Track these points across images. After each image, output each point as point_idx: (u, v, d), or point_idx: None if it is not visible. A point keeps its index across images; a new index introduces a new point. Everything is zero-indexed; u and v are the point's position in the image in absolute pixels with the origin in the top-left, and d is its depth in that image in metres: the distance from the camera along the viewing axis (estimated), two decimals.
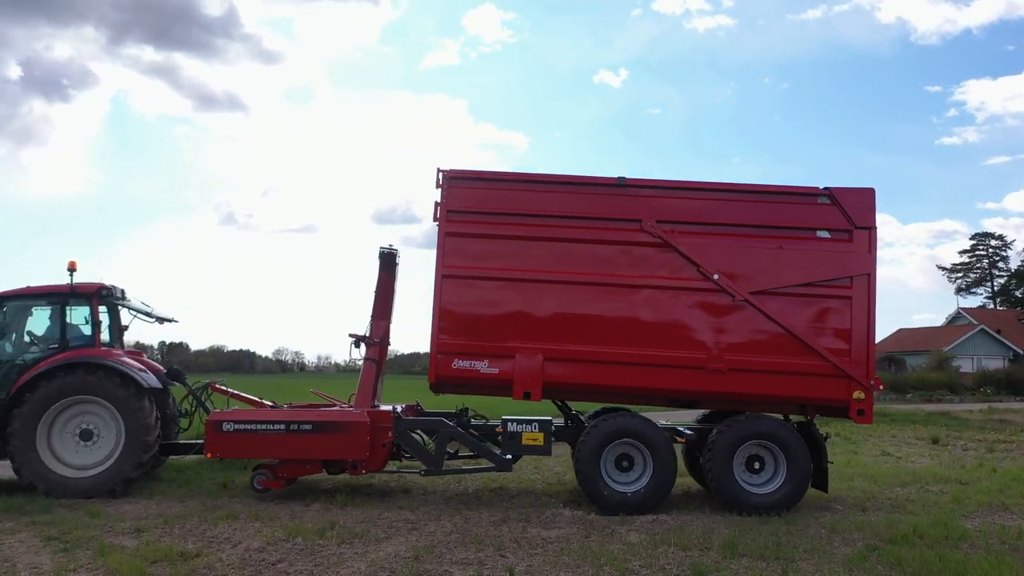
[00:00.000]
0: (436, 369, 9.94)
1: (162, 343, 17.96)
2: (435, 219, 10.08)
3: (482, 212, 10.11)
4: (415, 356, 71.71)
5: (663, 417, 13.97)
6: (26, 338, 11.21)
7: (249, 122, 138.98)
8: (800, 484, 9.54)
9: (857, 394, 9.58)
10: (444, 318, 9.95)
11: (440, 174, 10.13)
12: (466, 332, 9.93)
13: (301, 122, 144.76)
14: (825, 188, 9.89)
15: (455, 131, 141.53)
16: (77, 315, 11.32)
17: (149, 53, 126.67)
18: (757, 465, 9.71)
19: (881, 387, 9.80)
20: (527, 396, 9.79)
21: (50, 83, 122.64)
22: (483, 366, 9.85)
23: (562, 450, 11.79)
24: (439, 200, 10.08)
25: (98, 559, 7.00)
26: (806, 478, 9.58)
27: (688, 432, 10.12)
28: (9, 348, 11.07)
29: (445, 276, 9.97)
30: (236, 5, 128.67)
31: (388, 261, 11.22)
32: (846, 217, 9.80)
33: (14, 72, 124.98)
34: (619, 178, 10.09)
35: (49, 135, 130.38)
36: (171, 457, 11.92)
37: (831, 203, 9.85)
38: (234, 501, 9.89)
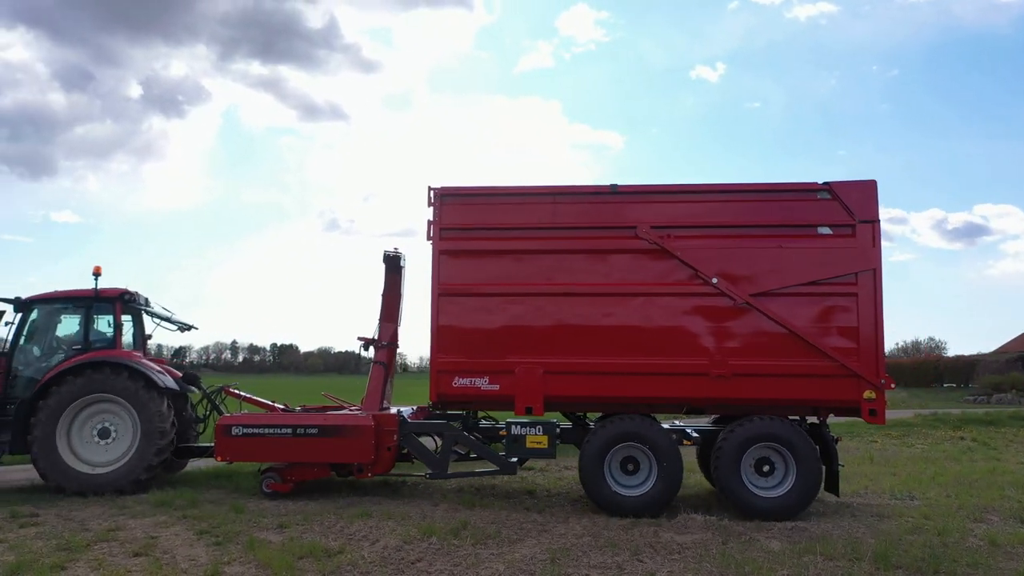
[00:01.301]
0: (437, 388, 9.99)
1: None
2: (428, 238, 10.13)
3: (475, 228, 10.12)
4: None
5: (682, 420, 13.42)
6: (52, 340, 11.82)
7: (350, 130, 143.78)
8: (810, 488, 9.23)
9: (868, 394, 9.27)
10: (442, 336, 9.98)
11: (431, 192, 10.17)
12: (465, 350, 9.92)
13: (399, 128, 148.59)
14: (824, 183, 9.58)
15: (549, 132, 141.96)
16: (102, 319, 11.82)
17: (256, 67, 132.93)
18: (766, 468, 9.42)
19: (893, 386, 9.38)
20: (529, 411, 9.80)
21: (167, 100, 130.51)
22: (484, 383, 9.86)
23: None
24: (431, 218, 10.12)
25: (248, 553, 7.30)
26: (816, 482, 9.26)
27: (695, 435, 9.88)
28: (37, 349, 11.73)
29: (441, 294, 10.02)
30: (337, 16, 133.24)
31: (392, 264, 11.32)
32: (847, 211, 9.47)
33: (135, 91, 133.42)
34: (611, 185, 10.00)
35: (167, 150, 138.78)
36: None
37: (831, 198, 9.54)
38: (365, 499, 10.16)
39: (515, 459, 10.06)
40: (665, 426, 9.98)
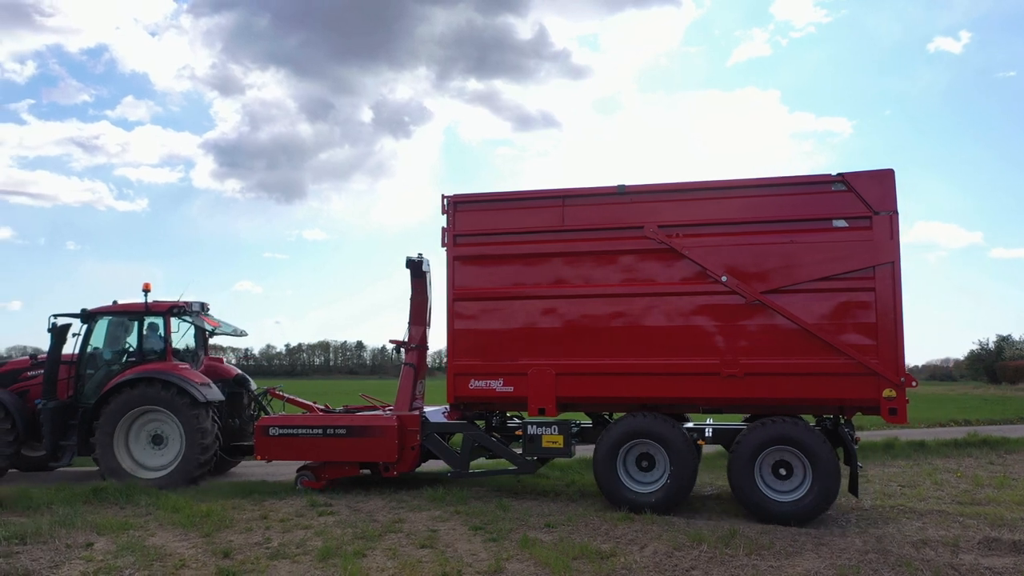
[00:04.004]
0: (454, 390, 10.26)
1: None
2: (443, 244, 10.41)
3: (487, 233, 10.33)
4: None
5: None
6: (109, 352, 12.65)
7: (562, 137, 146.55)
8: (827, 492, 8.85)
9: (887, 392, 8.81)
10: (458, 340, 10.29)
11: (444, 200, 10.42)
12: (480, 352, 10.15)
13: (610, 132, 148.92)
14: (839, 174, 9.20)
15: (768, 124, 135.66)
16: (156, 331, 12.58)
17: (472, 83, 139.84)
18: (782, 471, 9.09)
19: (914, 383, 8.87)
20: (542, 412, 9.87)
21: (395, 122, 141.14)
22: (498, 385, 10.06)
23: None
24: (445, 226, 10.38)
25: (524, 550, 7.52)
26: (834, 485, 8.87)
27: (708, 434, 9.59)
28: (98, 359, 12.56)
29: (456, 299, 10.30)
30: (545, 26, 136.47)
31: (415, 269, 11.48)
32: (864, 203, 9.06)
33: (367, 116, 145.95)
34: (618, 186, 9.96)
35: (396, 168, 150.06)
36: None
37: (846, 189, 9.14)
38: None
39: (532, 458, 10.20)
40: (689, 425, 9.90)
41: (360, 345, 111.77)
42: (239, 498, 10.17)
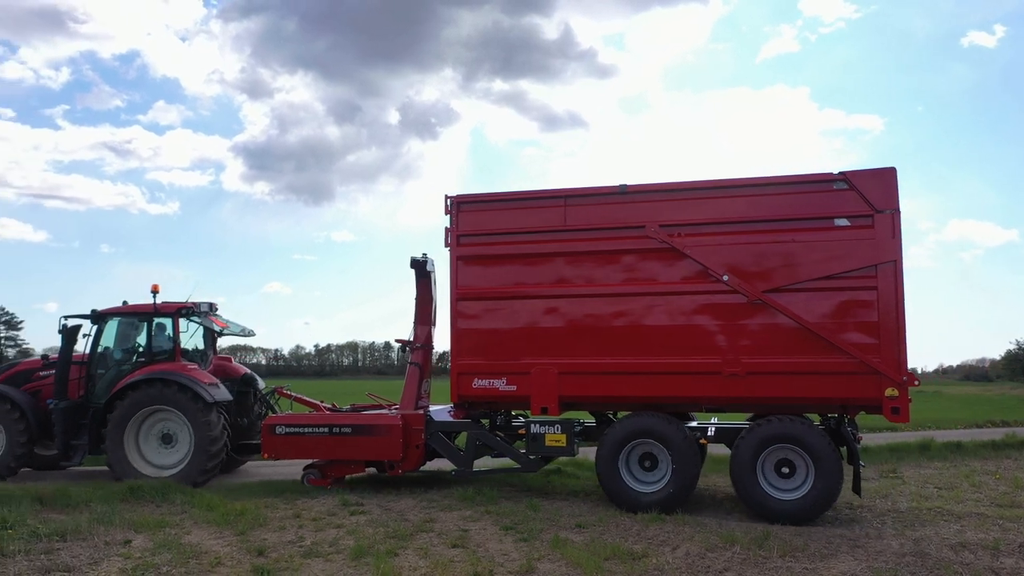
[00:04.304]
0: (458, 389, 10.42)
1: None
2: (446, 244, 10.53)
3: (490, 233, 10.44)
4: None
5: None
6: (118, 352, 12.80)
7: (589, 137, 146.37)
8: (829, 490, 8.86)
9: (890, 391, 8.81)
10: (461, 339, 10.42)
11: (448, 200, 10.55)
12: (483, 352, 10.26)
13: (637, 131, 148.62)
14: (840, 172, 9.18)
15: (798, 121, 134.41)
16: (165, 332, 12.71)
17: (498, 84, 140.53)
18: (785, 470, 9.11)
19: (916, 383, 8.82)
20: (544, 411, 9.97)
21: (422, 124, 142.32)
22: (501, 384, 10.16)
23: None
24: (448, 226, 10.51)
25: (555, 550, 7.53)
26: (835, 484, 8.87)
27: (710, 433, 9.66)
28: (108, 360, 12.72)
29: (459, 298, 10.44)
30: (571, 26, 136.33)
31: (420, 269, 11.60)
32: (866, 201, 9.03)
33: (393, 118, 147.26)
34: (620, 185, 9.99)
35: (424, 169, 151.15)
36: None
37: (848, 188, 9.12)
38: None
39: (535, 457, 10.30)
40: (693, 424, 9.98)
41: (388, 346, 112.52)
42: (272, 497, 10.30)
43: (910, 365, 9.07)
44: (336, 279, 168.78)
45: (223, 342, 13.99)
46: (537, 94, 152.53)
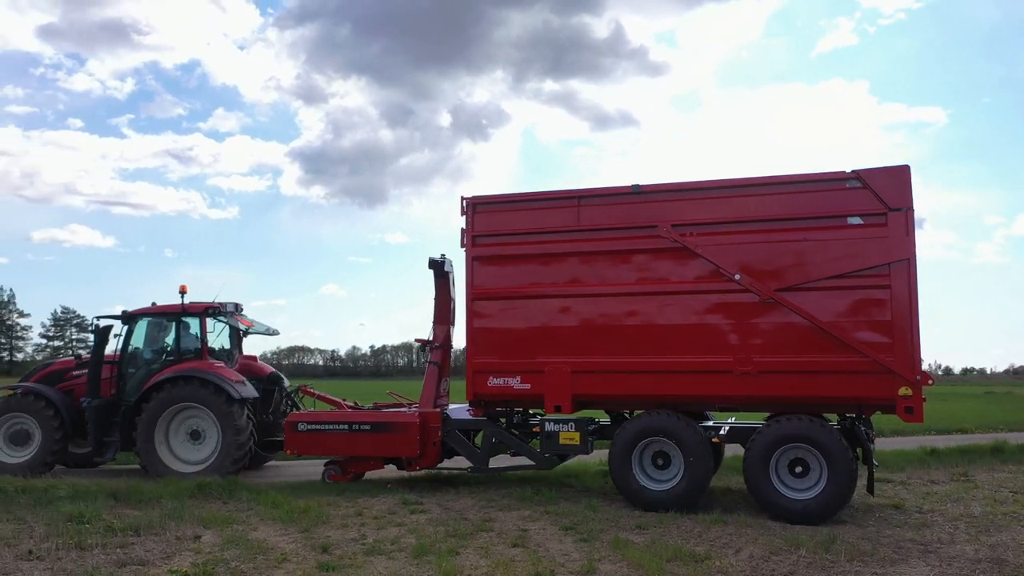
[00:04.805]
0: (473, 387, 10.54)
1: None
2: (462, 245, 10.66)
3: (505, 234, 10.52)
4: None
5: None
6: (148, 351, 13.21)
7: (640, 135, 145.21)
8: (842, 490, 8.81)
9: (903, 390, 8.72)
10: (476, 339, 10.53)
11: (464, 202, 10.65)
12: (498, 351, 10.41)
13: (690, 128, 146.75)
14: (853, 171, 9.14)
15: (856, 116, 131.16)
16: (192, 331, 13.10)
17: (549, 84, 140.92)
18: (798, 469, 9.08)
19: (930, 381, 8.71)
20: (558, 409, 10.10)
21: (473, 126, 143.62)
22: (516, 382, 10.28)
23: None
24: (464, 227, 10.62)
25: (616, 551, 7.49)
26: (848, 484, 8.82)
27: (723, 432, 9.73)
28: (138, 358, 13.15)
29: (474, 298, 10.56)
30: (622, 24, 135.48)
31: (438, 269, 11.76)
32: (879, 199, 8.98)
33: (445, 120, 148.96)
34: (633, 185, 10.05)
35: (475, 171, 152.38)
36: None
37: (861, 186, 9.08)
38: (715, 505, 9.86)
39: (549, 455, 10.48)
40: (709, 424, 10.08)
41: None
42: (333, 495, 10.48)
43: (978, 365, 8.92)
44: (390, 281, 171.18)
45: (283, 344, 14.41)
46: (588, 94, 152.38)
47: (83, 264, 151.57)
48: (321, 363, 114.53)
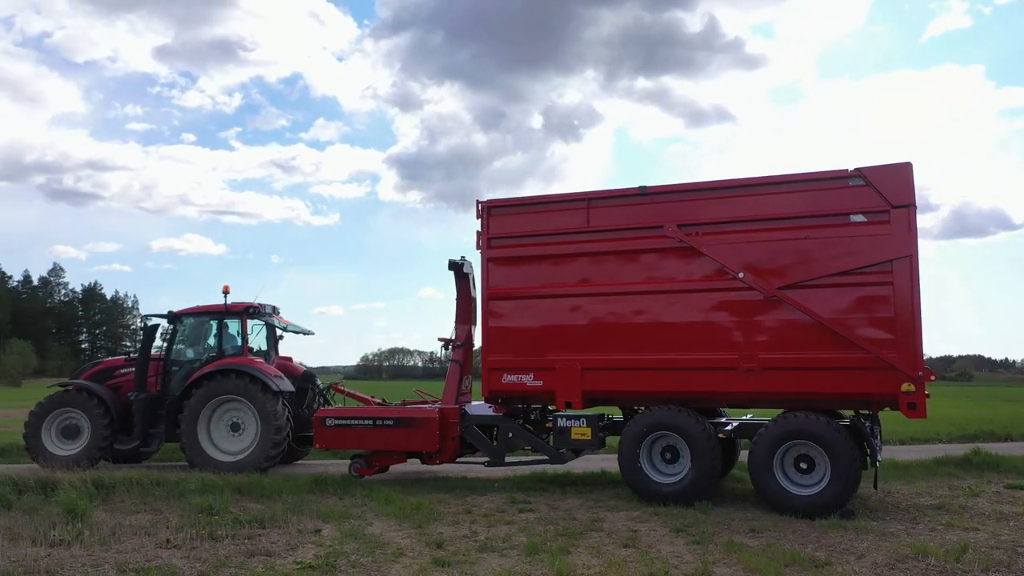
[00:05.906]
0: (488, 384, 10.93)
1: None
2: (477, 247, 11.00)
3: (518, 236, 10.83)
4: None
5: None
6: (192, 349, 13.88)
7: (737, 131, 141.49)
8: (846, 486, 8.93)
9: (906, 386, 8.83)
10: (491, 337, 10.93)
11: (479, 205, 10.97)
12: (511, 349, 10.79)
13: (790, 122, 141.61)
14: (856, 168, 9.03)
15: (971, 102, 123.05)
16: (233, 329, 13.79)
17: (641, 82, 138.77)
18: (804, 465, 9.24)
19: (933, 377, 8.78)
20: (568, 406, 10.41)
21: (565, 127, 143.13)
22: (529, 379, 10.64)
23: None
24: (479, 229, 10.96)
25: (730, 555, 7.32)
26: (852, 479, 8.93)
27: (729, 428, 10.02)
28: (182, 356, 13.85)
29: (489, 298, 10.94)
30: (716, 17, 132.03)
31: (458, 271, 12.13)
32: (882, 197, 8.91)
33: (537, 122, 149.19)
34: (640, 187, 10.23)
35: (568, 172, 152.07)
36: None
37: (864, 184, 8.99)
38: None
39: (563, 450, 10.75)
40: (721, 420, 10.36)
41: None
42: (443, 493, 10.70)
43: None
44: None
45: (384, 346, 15.07)
46: (681, 90, 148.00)
47: (197, 270, 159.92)
48: (420, 364, 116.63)
